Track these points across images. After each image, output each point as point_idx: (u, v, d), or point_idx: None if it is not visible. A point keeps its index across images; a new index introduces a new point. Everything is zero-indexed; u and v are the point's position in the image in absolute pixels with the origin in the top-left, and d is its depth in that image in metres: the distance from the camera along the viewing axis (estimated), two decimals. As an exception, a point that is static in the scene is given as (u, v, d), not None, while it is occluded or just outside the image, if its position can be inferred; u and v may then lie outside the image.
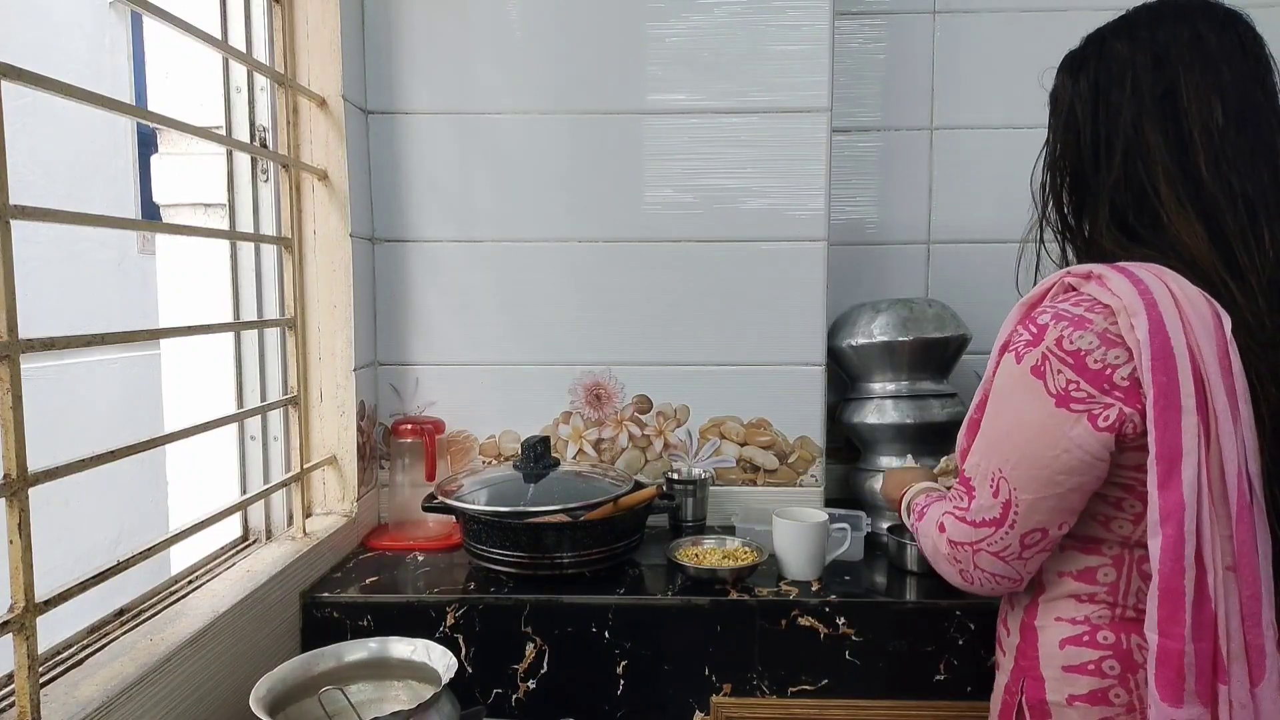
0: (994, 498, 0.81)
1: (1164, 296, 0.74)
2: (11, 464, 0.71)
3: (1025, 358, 0.79)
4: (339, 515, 1.34)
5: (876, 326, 1.40)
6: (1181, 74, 0.80)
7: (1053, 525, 0.80)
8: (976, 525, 0.83)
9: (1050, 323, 0.78)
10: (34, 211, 0.73)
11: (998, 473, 0.81)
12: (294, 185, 1.27)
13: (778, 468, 1.47)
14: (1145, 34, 0.83)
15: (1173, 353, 0.72)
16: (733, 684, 1.13)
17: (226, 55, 1.19)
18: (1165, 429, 0.72)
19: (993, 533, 0.82)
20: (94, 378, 3.89)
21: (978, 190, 1.58)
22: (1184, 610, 0.72)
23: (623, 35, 1.40)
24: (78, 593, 0.78)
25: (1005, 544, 0.82)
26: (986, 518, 0.82)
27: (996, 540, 0.82)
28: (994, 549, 0.82)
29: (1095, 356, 0.75)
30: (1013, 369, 0.80)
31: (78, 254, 3.84)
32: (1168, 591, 0.73)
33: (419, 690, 0.95)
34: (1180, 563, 0.72)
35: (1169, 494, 0.73)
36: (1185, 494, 0.72)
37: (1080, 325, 0.76)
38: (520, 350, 1.46)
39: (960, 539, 0.85)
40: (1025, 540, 0.81)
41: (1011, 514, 0.80)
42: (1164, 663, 0.73)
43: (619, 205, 1.43)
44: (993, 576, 0.84)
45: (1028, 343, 0.79)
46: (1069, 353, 0.76)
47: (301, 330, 1.29)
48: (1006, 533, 0.81)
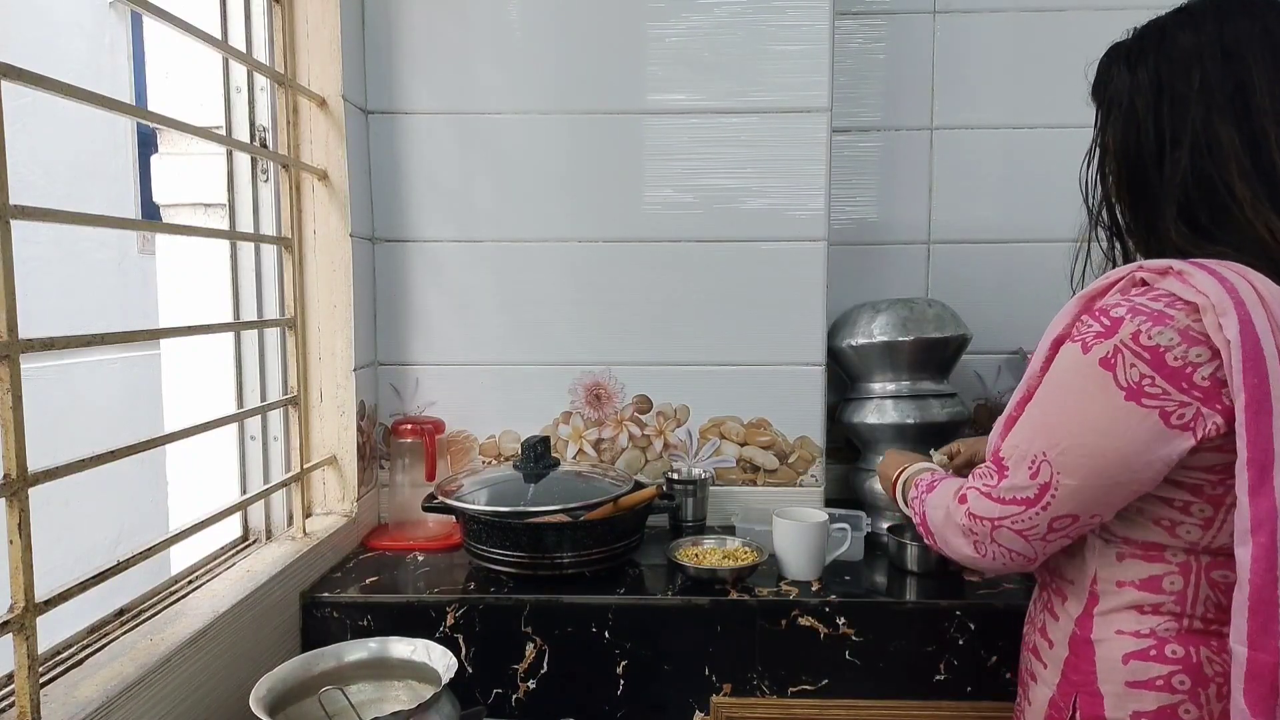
0: (1031, 479, 0.79)
1: (1250, 295, 0.71)
2: (11, 464, 0.71)
3: (1094, 349, 0.76)
4: (339, 515, 1.34)
5: (876, 326, 1.40)
6: (1254, 69, 0.77)
7: (1085, 514, 0.78)
8: (1004, 502, 0.81)
9: (1126, 316, 0.75)
10: (34, 211, 0.73)
11: (1041, 455, 0.79)
12: (294, 185, 1.27)
13: (778, 468, 1.47)
14: (1212, 27, 0.80)
15: (1263, 354, 0.69)
16: (733, 684, 1.13)
17: (226, 55, 1.19)
18: (1258, 433, 0.70)
19: (1021, 511, 0.80)
20: (94, 378, 3.89)
21: (978, 190, 1.58)
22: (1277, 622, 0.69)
23: (623, 35, 1.40)
24: (78, 593, 0.78)
25: (1033, 524, 0.80)
26: (1018, 496, 0.80)
27: (1024, 519, 0.80)
28: (1019, 527, 0.80)
29: (1176, 354, 0.73)
30: (1077, 359, 0.77)
31: (78, 254, 3.84)
32: (1260, 603, 0.69)
33: (419, 690, 0.95)
34: (1275, 572, 0.69)
35: (1261, 500, 0.69)
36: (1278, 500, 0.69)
37: (1160, 321, 0.73)
38: (520, 350, 1.46)
39: (983, 513, 0.83)
40: (1054, 524, 0.79)
41: (1048, 496, 0.78)
42: (1255, 677, 0.70)
43: (619, 205, 1.43)
44: (1008, 552, 0.82)
45: (1098, 334, 0.76)
46: (1146, 348, 0.73)
47: (301, 330, 1.29)
48: (1038, 513, 0.79)
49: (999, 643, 1.11)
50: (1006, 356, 1.60)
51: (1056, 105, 1.55)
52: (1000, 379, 1.61)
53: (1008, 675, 1.11)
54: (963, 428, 1.45)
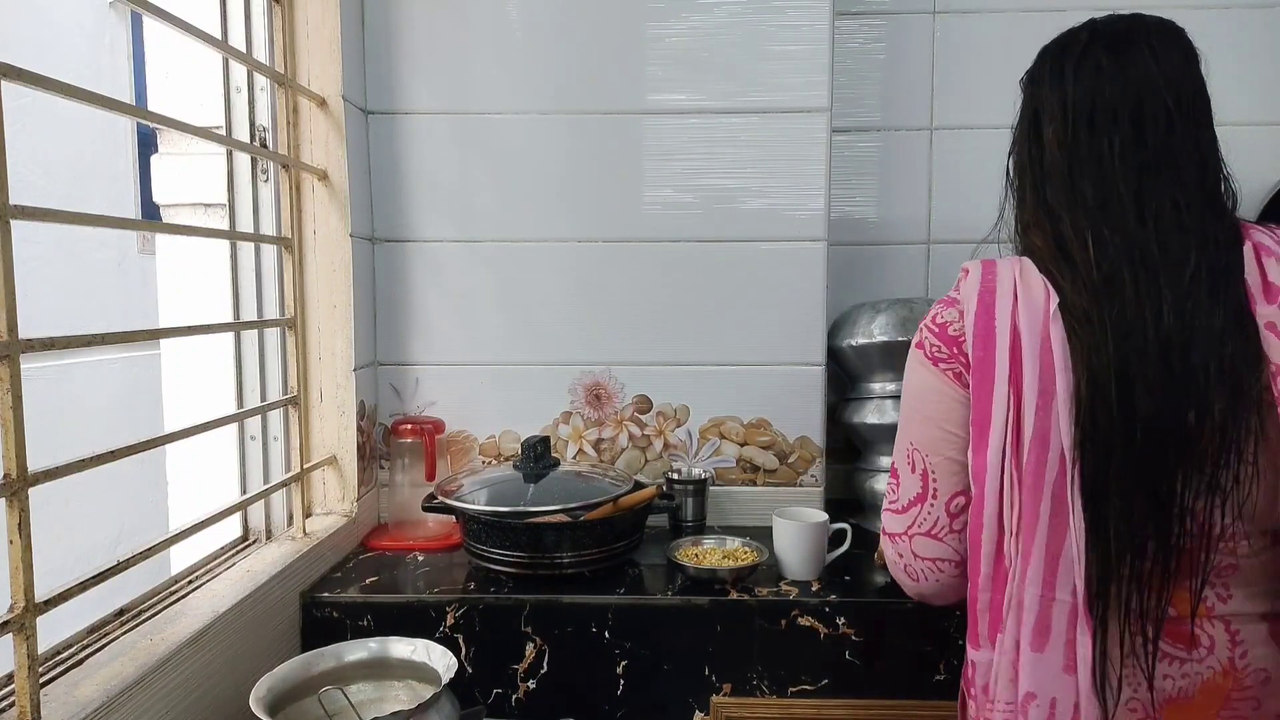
0: (912, 473, 0.87)
1: (1006, 281, 0.83)
2: (11, 464, 0.71)
3: (914, 339, 0.89)
4: (339, 515, 1.34)
5: (876, 326, 1.40)
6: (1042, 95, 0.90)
7: (965, 487, 0.85)
8: (905, 509, 0.88)
9: (933, 307, 0.90)
10: (34, 211, 0.73)
11: (909, 446, 0.88)
12: (294, 185, 1.27)
13: (778, 468, 1.47)
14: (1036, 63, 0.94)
15: (994, 331, 0.81)
16: (733, 684, 1.13)
17: (226, 55, 1.19)
18: (979, 399, 0.81)
19: (920, 510, 0.87)
20: (94, 378, 3.89)
21: (978, 190, 1.57)
22: (980, 561, 0.81)
23: (623, 35, 1.40)
24: (78, 593, 0.78)
25: (934, 518, 0.86)
26: (911, 497, 0.88)
27: (925, 517, 0.87)
28: (924, 528, 0.87)
29: (954, 327, 0.85)
30: (910, 352, 0.89)
31: (78, 254, 3.84)
32: (973, 545, 0.82)
33: (419, 690, 0.95)
34: (980, 519, 0.80)
35: (979, 458, 0.81)
36: (990, 458, 0.79)
37: (949, 304, 0.87)
38: (520, 350, 1.46)
39: (895, 529, 0.90)
40: (950, 509, 0.86)
41: (930, 483, 0.86)
42: (969, 609, 0.83)
43: (619, 205, 1.43)
44: (933, 563, 0.87)
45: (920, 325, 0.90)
46: (938, 324, 0.87)
47: (301, 330, 1.29)
48: (932, 505, 0.86)
49: (999, 643, 1.11)
50: (1006, 356, 1.59)
51: (1056, 105, 1.55)
52: (1000, 379, 1.60)
53: (1008, 675, 1.11)
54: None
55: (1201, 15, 1.44)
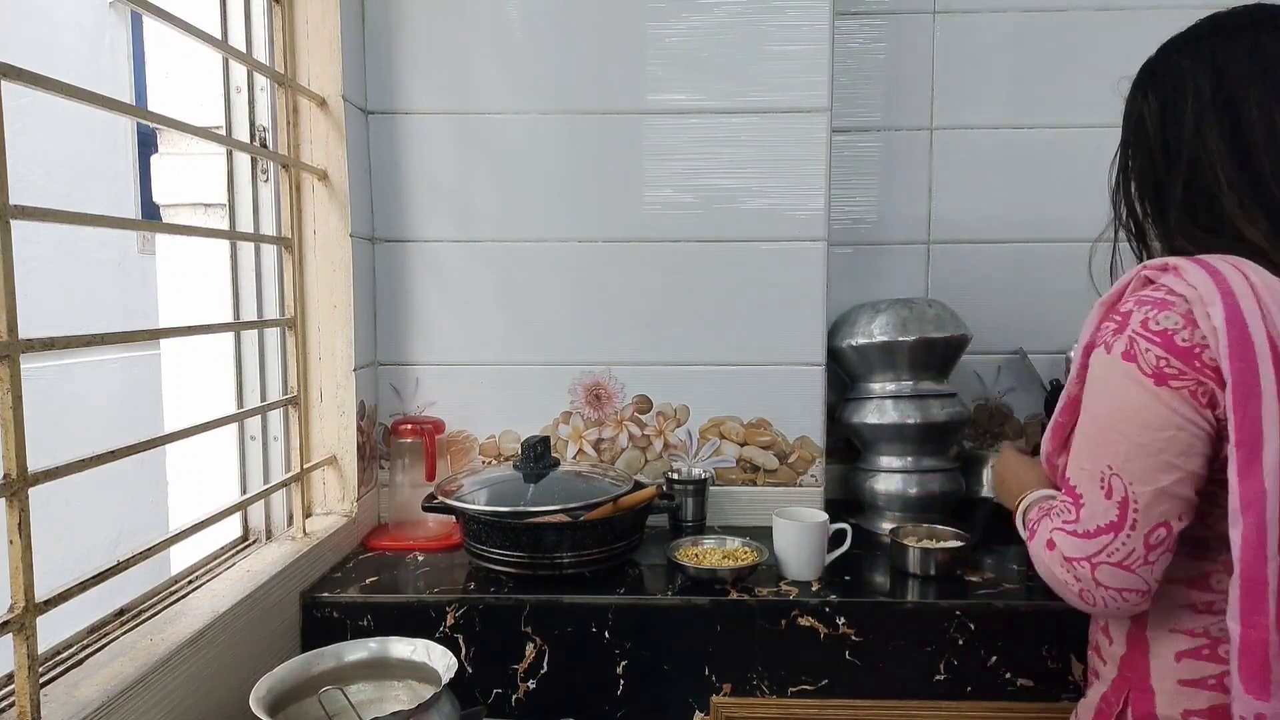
0: (1107, 499, 0.78)
1: (1240, 285, 0.74)
2: (11, 464, 0.71)
3: (1114, 346, 0.79)
4: (339, 515, 1.34)
5: (876, 326, 1.40)
6: (1244, 85, 0.82)
7: (1174, 518, 0.76)
8: (1092, 535, 0.79)
9: (1134, 308, 0.79)
10: (34, 211, 0.73)
11: (1107, 470, 0.78)
12: (294, 185, 1.27)
13: (778, 468, 1.47)
14: (1206, 47, 0.85)
15: (1250, 339, 0.72)
16: (733, 684, 1.13)
17: (226, 55, 1.19)
18: (1244, 416, 0.72)
19: (1112, 539, 0.78)
20: (94, 378, 3.89)
21: (978, 190, 1.58)
22: (1267, 600, 0.71)
23: (623, 35, 1.40)
24: (78, 593, 0.78)
25: (1128, 549, 0.77)
26: (1102, 524, 0.78)
27: (1118, 548, 0.77)
28: (1116, 558, 0.78)
29: (1182, 336, 0.75)
30: (1105, 361, 0.80)
31: (78, 254, 3.84)
32: (1250, 581, 0.72)
33: (419, 690, 0.95)
34: (1263, 550, 0.71)
35: (1250, 482, 0.72)
36: (1266, 481, 0.71)
37: (1163, 307, 0.77)
38: (520, 350, 1.46)
39: (1075, 554, 0.80)
40: (1150, 541, 0.77)
41: (1130, 514, 0.77)
42: (1247, 654, 0.72)
43: (619, 205, 1.43)
44: (1118, 593, 0.78)
45: (1114, 331, 0.79)
46: (1155, 332, 0.76)
47: (301, 330, 1.29)
48: (1128, 536, 0.77)
49: (999, 643, 1.11)
50: (1006, 356, 1.60)
51: (1056, 105, 1.55)
52: (1000, 379, 1.61)
53: (1007, 675, 1.11)
54: (963, 428, 1.45)
55: (1193, 15, 1.44)
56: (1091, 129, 1.55)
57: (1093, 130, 1.54)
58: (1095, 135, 1.54)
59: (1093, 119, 1.54)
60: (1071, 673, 1.10)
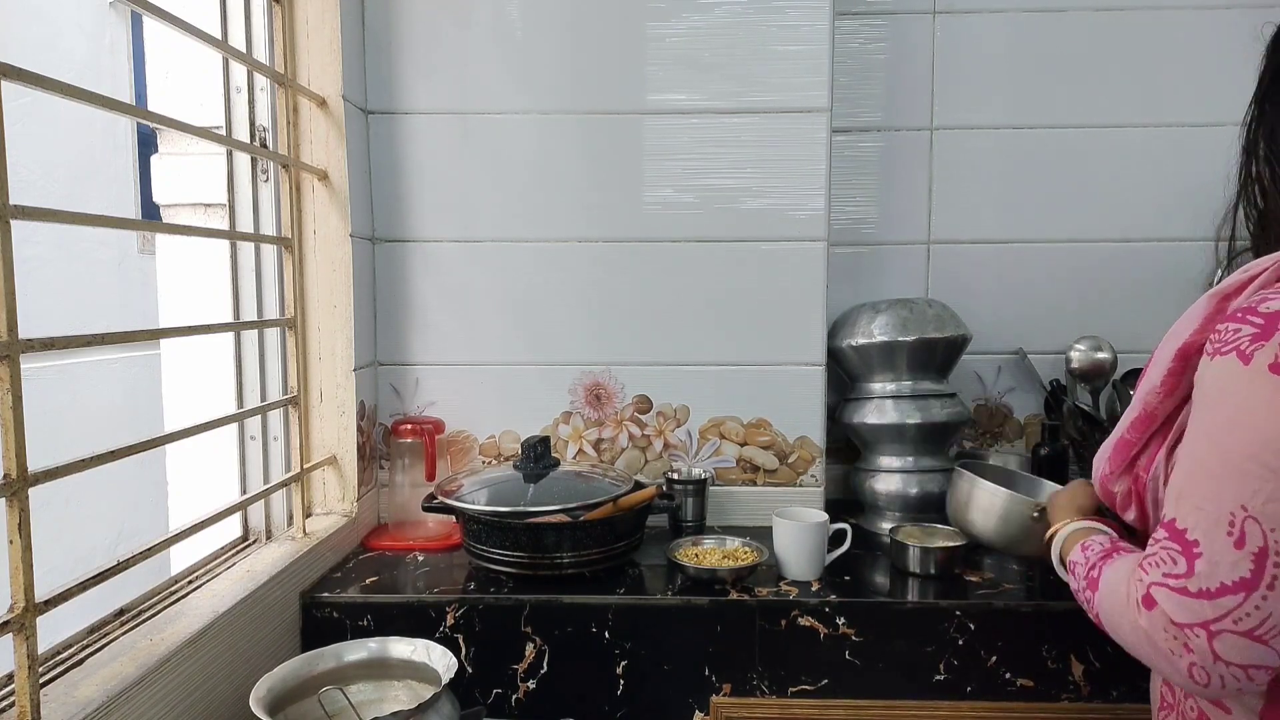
0: (1237, 549, 0.62)
1: None
2: (11, 464, 0.71)
3: (1257, 356, 0.62)
4: (339, 515, 1.34)
5: (876, 326, 1.40)
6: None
7: None
8: (1213, 595, 0.62)
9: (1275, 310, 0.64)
10: (34, 211, 0.73)
11: (1240, 513, 0.62)
12: (294, 185, 1.27)
13: (778, 468, 1.47)
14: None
15: None
16: (733, 684, 1.13)
17: (226, 55, 1.19)
18: None
19: (1242, 601, 0.61)
20: (94, 378, 3.89)
21: (978, 190, 1.58)
22: None
23: (623, 35, 1.40)
24: (78, 593, 0.78)
25: (1264, 614, 0.61)
26: (1228, 581, 0.62)
27: (1248, 612, 0.61)
28: (1245, 626, 0.61)
29: None
30: (1235, 372, 0.64)
31: (78, 254, 3.83)
32: None
33: (419, 690, 0.95)
34: None
35: None
36: None
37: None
38: (520, 350, 1.46)
39: (1188, 619, 0.63)
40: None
41: (1271, 569, 0.60)
42: None
43: (619, 205, 1.43)
44: (1243, 670, 0.62)
45: (1254, 337, 0.63)
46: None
47: (301, 330, 1.29)
48: (1264, 598, 0.61)
49: (999, 643, 1.11)
50: (1006, 356, 1.60)
51: (1056, 105, 1.55)
52: (1000, 379, 1.61)
53: (1007, 675, 1.11)
54: (963, 428, 1.45)
55: (1193, 16, 1.44)
56: (1092, 129, 1.55)
57: (1093, 130, 1.54)
58: (1096, 135, 1.54)
59: (1093, 119, 1.54)
60: (1071, 673, 1.10)
